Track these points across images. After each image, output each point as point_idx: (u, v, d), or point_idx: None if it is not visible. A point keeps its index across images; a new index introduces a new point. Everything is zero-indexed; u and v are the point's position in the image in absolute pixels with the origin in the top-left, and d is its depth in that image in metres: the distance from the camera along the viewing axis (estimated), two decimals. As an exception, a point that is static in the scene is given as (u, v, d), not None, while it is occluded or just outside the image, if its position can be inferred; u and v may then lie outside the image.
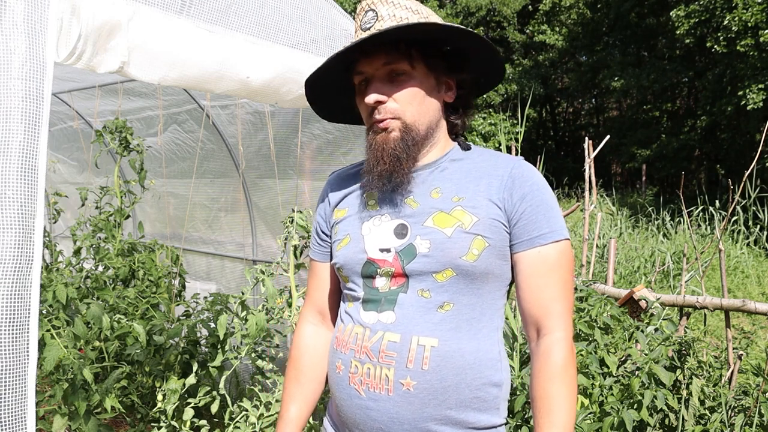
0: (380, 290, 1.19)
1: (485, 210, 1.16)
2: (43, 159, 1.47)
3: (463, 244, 1.14)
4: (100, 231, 3.29)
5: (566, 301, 1.16)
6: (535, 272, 1.16)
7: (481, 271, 1.15)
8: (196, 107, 3.70)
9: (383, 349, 1.15)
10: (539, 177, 1.21)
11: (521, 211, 1.16)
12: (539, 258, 1.16)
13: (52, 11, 1.51)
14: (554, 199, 1.21)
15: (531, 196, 1.17)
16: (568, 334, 1.15)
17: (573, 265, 1.19)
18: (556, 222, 1.17)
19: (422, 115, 1.18)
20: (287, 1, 2.31)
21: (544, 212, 1.16)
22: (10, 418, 1.37)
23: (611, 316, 2.92)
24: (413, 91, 1.17)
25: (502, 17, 21.49)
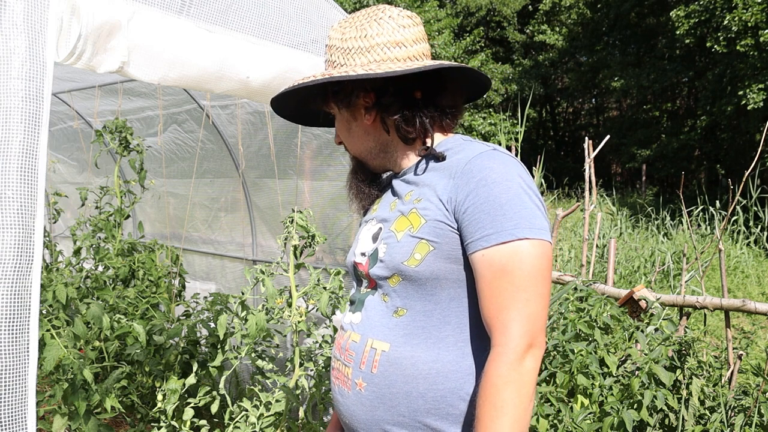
0: (360, 292, 1.25)
1: (433, 211, 1.12)
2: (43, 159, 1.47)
3: (408, 248, 1.12)
4: (100, 231, 3.29)
5: (517, 311, 1.02)
6: (482, 278, 1.06)
7: (426, 277, 1.10)
8: (196, 107, 3.70)
9: (347, 348, 1.21)
10: (494, 169, 1.08)
11: (464, 211, 1.08)
12: (484, 262, 1.05)
13: (52, 11, 1.51)
14: (511, 193, 1.06)
15: (475, 193, 1.06)
16: (514, 348, 1.01)
17: (537, 267, 1.04)
18: (506, 221, 1.04)
19: (355, 144, 1.30)
20: (287, 1, 2.31)
21: (488, 210, 1.05)
22: (10, 418, 1.37)
23: (611, 316, 2.92)
24: (339, 128, 1.31)
25: (502, 17, 21.49)
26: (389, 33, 1.20)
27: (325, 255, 3.61)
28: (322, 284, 2.63)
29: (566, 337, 2.75)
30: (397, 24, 1.21)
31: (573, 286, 3.15)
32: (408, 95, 1.21)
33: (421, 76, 1.20)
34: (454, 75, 1.25)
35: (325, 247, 3.53)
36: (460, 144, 1.22)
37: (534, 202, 1.08)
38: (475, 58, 17.04)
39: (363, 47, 1.19)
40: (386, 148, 1.27)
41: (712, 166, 16.01)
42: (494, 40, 23.33)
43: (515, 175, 1.09)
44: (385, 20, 1.20)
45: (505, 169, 1.09)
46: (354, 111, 1.25)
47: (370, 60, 1.19)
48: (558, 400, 2.53)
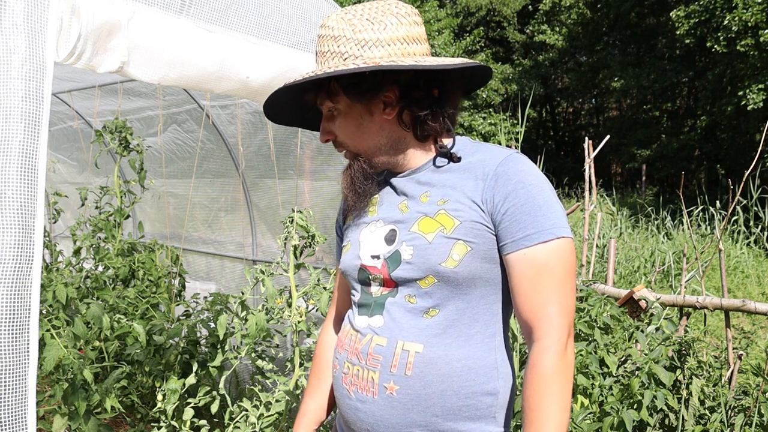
0: (373, 295, 1.21)
1: (467, 212, 1.13)
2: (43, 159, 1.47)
3: (444, 249, 1.12)
4: (100, 231, 3.29)
5: (558, 305, 1.09)
6: (522, 276, 1.10)
7: (464, 277, 1.13)
8: (196, 107, 3.70)
9: (370, 352, 1.17)
10: (528, 172, 1.13)
11: (503, 212, 1.11)
12: (525, 260, 1.10)
13: (51, 11, 1.51)
14: (546, 195, 1.12)
15: (514, 195, 1.11)
16: (559, 339, 1.08)
17: (571, 264, 1.11)
18: (546, 220, 1.09)
19: (363, 141, 1.22)
20: (287, 1, 2.31)
21: (529, 211, 1.09)
22: (10, 418, 1.37)
23: (611, 316, 2.92)
24: (344, 124, 1.21)
25: (502, 17, 21.49)
26: (407, 28, 1.18)
27: (325, 255, 3.60)
28: (322, 284, 2.63)
29: (566, 337, 2.75)
30: (413, 20, 1.20)
31: (573, 286, 3.15)
32: (431, 92, 1.20)
33: (438, 74, 1.20)
34: (458, 74, 1.24)
35: (325, 247, 3.53)
36: (470, 145, 1.23)
37: (560, 203, 1.15)
38: (475, 58, 17.05)
39: (382, 40, 1.15)
40: (397, 144, 1.22)
41: (712, 166, 16.01)
42: (494, 40, 23.33)
43: (543, 178, 1.16)
44: (402, 15, 1.18)
45: (536, 172, 1.15)
46: (372, 105, 1.19)
47: (391, 53, 1.15)
48: (558, 400, 2.53)
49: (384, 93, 1.18)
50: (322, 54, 1.19)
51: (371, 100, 1.18)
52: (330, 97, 1.20)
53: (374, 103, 1.19)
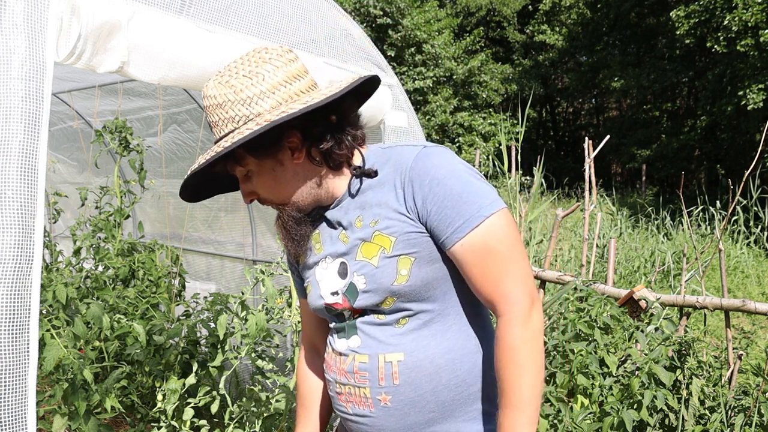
0: (345, 320, 1.25)
1: (399, 226, 1.14)
2: (43, 159, 1.47)
3: (390, 269, 1.15)
4: (100, 231, 3.28)
5: (511, 280, 1.11)
6: (468, 264, 1.12)
7: (419, 286, 1.15)
8: (196, 107, 3.70)
9: (356, 371, 1.21)
10: (438, 165, 1.13)
11: (429, 213, 1.12)
12: (465, 250, 1.11)
13: (51, 11, 1.51)
14: (462, 181, 1.12)
15: (432, 195, 1.12)
16: (520, 311, 1.10)
17: (510, 235, 1.12)
18: (469, 206, 1.10)
19: (283, 191, 1.22)
20: (287, 1, 2.31)
21: (451, 205, 1.10)
22: (10, 418, 1.37)
23: (611, 316, 2.92)
24: (261, 181, 1.21)
25: (502, 17, 21.50)
26: (284, 69, 1.17)
27: (325, 255, 3.60)
28: (322, 284, 2.62)
29: (566, 337, 2.75)
30: (287, 59, 1.18)
31: (573, 286, 3.15)
32: (328, 121, 1.20)
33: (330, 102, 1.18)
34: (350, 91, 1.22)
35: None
36: (382, 153, 1.23)
37: (480, 179, 1.16)
38: (475, 58, 17.04)
39: (265, 91, 1.14)
40: (316, 182, 1.22)
41: (712, 166, 16.01)
42: (494, 40, 23.33)
43: (455, 162, 1.16)
44: (275, 59, 1.17)
45: (446, 160, 1.15)
46: (280, 156, 1.19)
47: (279, 100, 1.14)
48: (558, 400, 2.53)
49: (287, 140, 1.18)
50: (215, 124, 1.18)
51: (277, 152, 1.18)
52: (238, 162, 1.20)
53: (281, 153, 1.18)
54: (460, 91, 16.71)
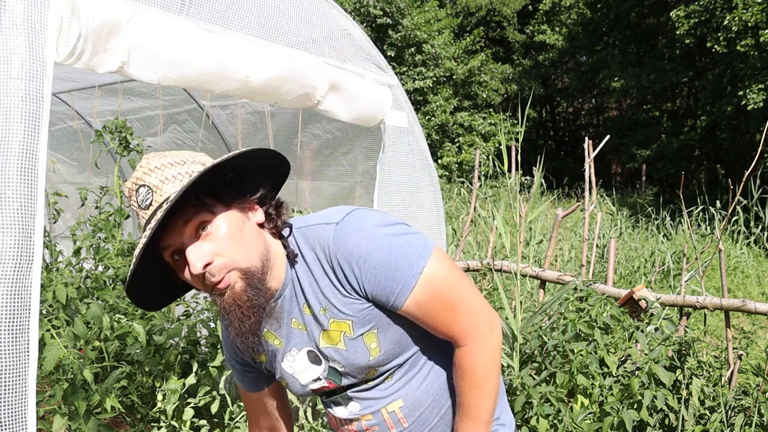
0: (338, 395, 1.27)
1: (349, 308, 1.15)
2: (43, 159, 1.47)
3: (360, 348, 1.17)
4: (100, 231, 3.28)
5: (460, 316, 1.14)
6: (420, 317, 1.15)
7: (392, 349, 1.19)
8: (196, 107, 3.70)
9: (366, 428, 1.26)
10: (358, 242, 1.11)
11: (368, 290, 1.12)
12: (411, 309, 1.13)
13: (51, 11, 1.51)
14: (385, 247, 1.11)
15: (364, 273, 1.11)
16: (475, 340, 1.15)
17: (447, 274, 1.14)
18: (402, 272, 1.10)
19: (249, 250, 1.11)
20: (287, 1, 2.31)
21: (385, 276, 1.10)
22: (10, 418, 1.37)
23: (611, 316, 2.92)
24: (227, 234, 1.09)
25: (502, 17, 21.49)
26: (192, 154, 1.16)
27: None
28: (322, 284, 2.62)
29: (566, 337, 2.75)
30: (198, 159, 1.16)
31: (573, 286, 3.15)
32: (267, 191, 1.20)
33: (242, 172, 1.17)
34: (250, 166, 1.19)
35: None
36: (299, 235, 1.19)
37: (399, 233, 1.14)
38: (475, 58, 17.03)
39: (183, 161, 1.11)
40: (269, 257, 1.14)
41: (712, 166, 16.01)
42: (494, 40, 23.33)
43: (370, 227, 1.13)
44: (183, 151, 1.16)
45: (362, 233, 1.12)
46: (244, 208, 1.14)
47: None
48: (558, 400, 2.53)
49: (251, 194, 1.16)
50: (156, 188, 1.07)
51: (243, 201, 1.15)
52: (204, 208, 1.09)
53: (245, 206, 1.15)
54: (460, 91, 16.70)
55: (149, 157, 1.11)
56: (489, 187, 11.27)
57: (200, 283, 1.10)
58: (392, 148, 2.91)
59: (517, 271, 2.95)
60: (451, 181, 13.51)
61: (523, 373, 2.56)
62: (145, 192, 1.08)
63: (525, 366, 2.82)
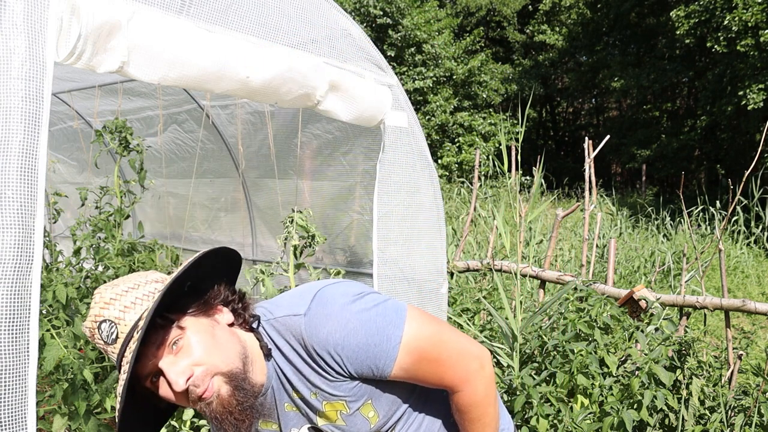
0: None
1: (340, 388, 1.16)
2: (43, 159, 1.47)
3: (360, 421, 1.19)
4: (100, 231, 3.28)
5: (448, 367, 1.15)
6: (408, 378, 1.17)
7: (389, 409, 1.21)
8: (196, 107, 3.70)
9: None
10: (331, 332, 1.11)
11: (352, 372, 1.14)
12: (398, 374, 1.15)
13: (51, 11, 1.51)
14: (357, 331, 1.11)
15: (344, 359, 1.12)
16: (467, 385, 1.17)
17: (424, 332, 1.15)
18: (381, 347, 1.11)
19: (226, 352, 1.10)
20: (287, 1, 2.31)
21: (365, 356, 1.11)
22: (10, 418, 1.37)
23: (611, 316, 2.92)
24: (200, 342, 1.08)
25: (502, 17, 21.49)
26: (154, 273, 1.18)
27: (325, 255, 3.61)
28: (322, 284, 2.62)
29: (566, 337, 2.75)
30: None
31: (573, 286, 3.15)
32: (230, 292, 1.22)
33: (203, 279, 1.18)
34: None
35: (325, 247, 3.53)
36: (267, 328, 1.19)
37: (369, 306, 1.14)
38: (475, 58, 17.03)
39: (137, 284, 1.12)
40: (247, 354, 1.14)
41: (712, 166, 16.01)
42: (494, 40, 23.32)
43: (338, 310, 1.12)
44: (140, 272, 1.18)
45: (331, 319, 1.12)
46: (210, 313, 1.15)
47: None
48: (558, 400, 2.53)
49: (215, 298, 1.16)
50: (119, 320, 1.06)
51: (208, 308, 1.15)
52: (171, 324, 1.09)
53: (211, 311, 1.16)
54: (460, 91, 16.70)
55: (100, 290, 1.09)
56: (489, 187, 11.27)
57: (185, 399, 1.09)
58: (392, 148, 2.91)
59: (517, 271, 2.95)
60: (451, 181, 13.51)
61: (523, 373, 2.56)
62: (107, 327, 1.05)
63: (525, 366, 2.82)
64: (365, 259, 3.37)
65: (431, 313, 3.17)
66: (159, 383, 1.09)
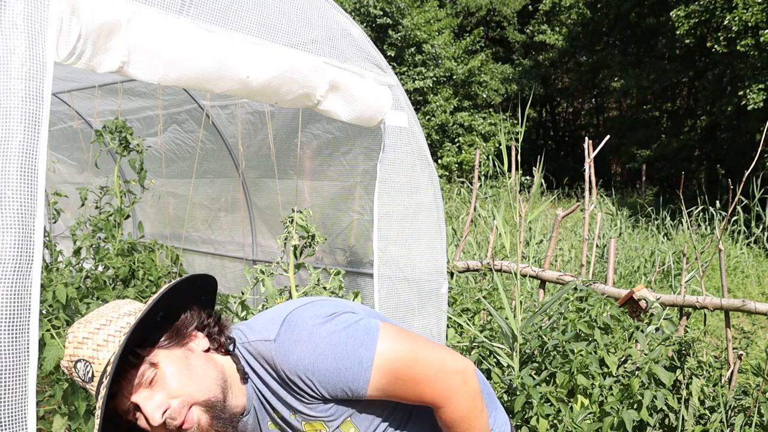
0: None
1: (316, 410, 1.16)
2: (43, 159, 1.47)
3: None
4: (100, 231, 3.28)
5: (427, 385, 1.14)
6: (386, 397, 1.16)
7: (371, 425, 1.20)
8: (196, 107, 3.70)
9: None
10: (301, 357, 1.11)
11: (327, 395, 1.14)
12: (376, 394, 1.14)
13: (52, 11, 1.51)
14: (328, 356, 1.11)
15: (317, 383, 1.12)
16: (449, 400, 1.15)
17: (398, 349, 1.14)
18: (352, 369, 1.11)
19: (203, 381, 1.11)
20: (287, 1, 2.31)
21: (337, 380, 1.11)
22: (10, 418, 1.37)
23: (611, 316, 2.92)
24: (175, 374, 1.09)
25: (502, 17, 21.48)
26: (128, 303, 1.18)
27: (325, 255, 3.60)
28: (322, 284, 2.63)
29: (566, 337, 2.75)
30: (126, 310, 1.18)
31: (573, 286, 3.15)
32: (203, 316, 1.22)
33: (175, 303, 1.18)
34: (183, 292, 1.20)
35: (325, 247, 3.53)
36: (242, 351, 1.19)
37: (339, 328, 1.13)
38: (475, 58, 17.03)
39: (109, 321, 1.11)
40: (226, 380, 1.15)
41: (712, 166, 16.00)
42: (494, 40, 23.32)
43: (307, 335, 1.12)
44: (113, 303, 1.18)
45: (300, 344, 1.12)
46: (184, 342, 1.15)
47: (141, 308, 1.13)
48: (558, 400, 2.53)
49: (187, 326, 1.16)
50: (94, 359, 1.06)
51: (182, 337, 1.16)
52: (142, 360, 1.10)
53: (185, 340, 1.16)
54: (460, 91, 16.70)
55: (74, 329, 1.10)
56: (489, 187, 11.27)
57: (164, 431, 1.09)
58: (392, 148, 2.91)
59: (517, 271, 2.95)
60: (451, 181, 13.51)
61: (523, 373, 2.56)
62: (83, 367, 1.07)
63: (525, 366, 2.82)
64: (365, 259, 3.37)
65: (431, 313, 3.18)
66: (140, 417, 1.09)
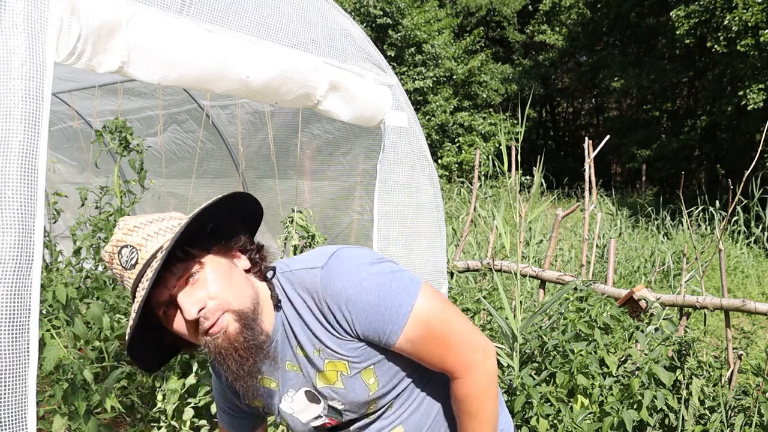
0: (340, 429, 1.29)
1: (344, 348, 1.16)
2: (43, 159, 1.47)
3: (359, 385, 1.18)
4: (100, 231, 3.28)
5: (453, 350, 1.15)
6: (412, 353, 1.17)
7: (389, 382, 1.20)
8: (196, 107, 3.70)
9: None
10: (346, 286, 1.12)
11: (359, 331, 1.14)
12: (404, 346, 1.14)
13: (52, 11, 1.52)
14: (372, 288, 1.12)
15: (354, 316, 1.12)
16: (469, 371, 1.16)
17: (435, 308, 1.15)
18: (392, 312, 1.11)
19: (240, 292, 1.12)
20: (287, 1, 2.31)
21: (375, 318, 1.12)
22: (10, 418, 1.37)
23: (611, 316, 2.92)
24: (217, 279, 1.11)
25: (502, 17, 21.48)
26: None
27: (325, 255, 3.60)
28: (322, 284, 2.62)
29: (566, 337, 2.75)
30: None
31: (573, 286, 3.15)
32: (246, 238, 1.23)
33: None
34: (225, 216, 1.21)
35: (325, 247, 3.53)
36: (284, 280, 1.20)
37: (386, 271, 1.14)
38: (475, 58, 17.03)
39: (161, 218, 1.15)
40: (259, 299, 1.16)
41: (712, 166, 16.00)
42: (494, 40, 23.32)
43: (355, 268, 1.14)
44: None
45: (347, 275, 1.13)
46: (229, 254, 1.16)
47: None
48: (558, 400, 2.53)
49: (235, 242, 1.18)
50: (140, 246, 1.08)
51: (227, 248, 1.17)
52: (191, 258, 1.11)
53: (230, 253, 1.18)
54: (460, 91, 16.70)
55: (125, 219, 1.12)
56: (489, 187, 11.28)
57: (193, 331, 1.10)
58: (392, 148, 2.91)
59: (517, 271, 2.95)
60: (451, 181, 13.51)
61: (523, 373, 2.56)
62: (128, 252, 1.08)
63: (525, 366, 2.82)
64: (365, 259, 3.37)
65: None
66: (170, 314, 1.11)
